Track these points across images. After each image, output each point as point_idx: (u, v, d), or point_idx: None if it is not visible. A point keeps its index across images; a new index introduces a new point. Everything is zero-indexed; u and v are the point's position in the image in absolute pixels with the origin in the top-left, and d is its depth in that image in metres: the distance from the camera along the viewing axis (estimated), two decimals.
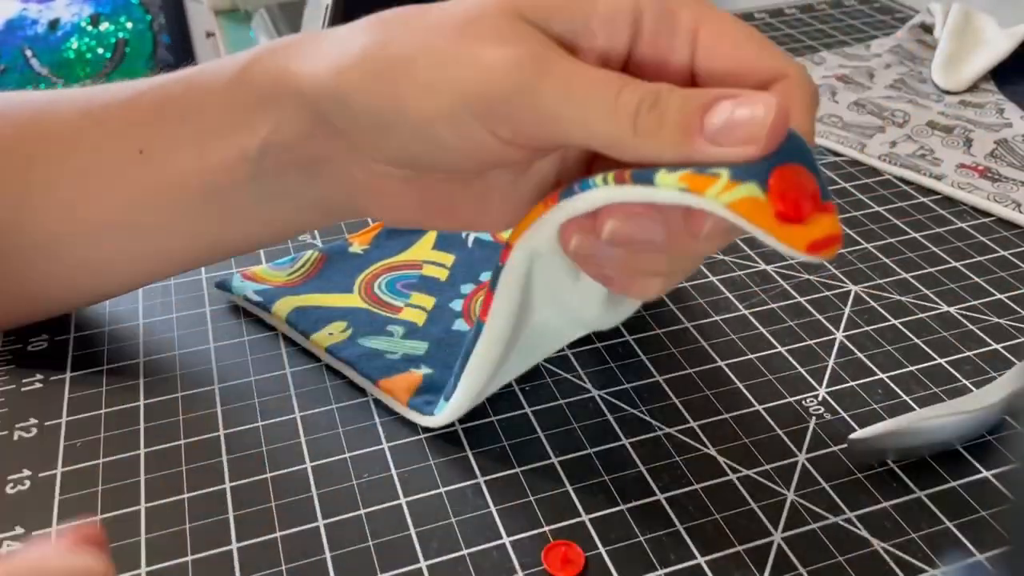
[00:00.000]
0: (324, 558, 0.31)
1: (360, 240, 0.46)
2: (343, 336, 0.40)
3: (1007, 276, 0.45)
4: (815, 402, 0.37)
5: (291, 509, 0.33)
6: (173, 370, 0.40)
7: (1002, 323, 0.42)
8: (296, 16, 1.16)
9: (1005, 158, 0.54)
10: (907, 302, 0.43)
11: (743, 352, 0.40)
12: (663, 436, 0.36)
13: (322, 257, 0.45)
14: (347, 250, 0.45)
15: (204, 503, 0.33)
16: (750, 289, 0.44)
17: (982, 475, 0.34)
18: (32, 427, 0.37)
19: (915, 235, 0.48)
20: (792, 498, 0.33)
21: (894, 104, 0.60)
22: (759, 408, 0.37)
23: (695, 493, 0.33)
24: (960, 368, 0.39)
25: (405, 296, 0.42)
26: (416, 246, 0.46)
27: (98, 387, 0.39)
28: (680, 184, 0.25)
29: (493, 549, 0.32)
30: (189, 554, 0.32)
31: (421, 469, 0.35)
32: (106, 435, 0.36)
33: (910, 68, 0.65)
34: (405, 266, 0.44)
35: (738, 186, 0.24)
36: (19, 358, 0.40)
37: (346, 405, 0.38)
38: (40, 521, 0.33)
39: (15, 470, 0.35)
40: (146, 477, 0.34)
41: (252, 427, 0.37)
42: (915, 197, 0.52)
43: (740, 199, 0.24)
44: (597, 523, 0.32)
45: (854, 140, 0.56)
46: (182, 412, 0.37)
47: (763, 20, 0.77)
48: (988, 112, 0.59)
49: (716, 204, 0.24)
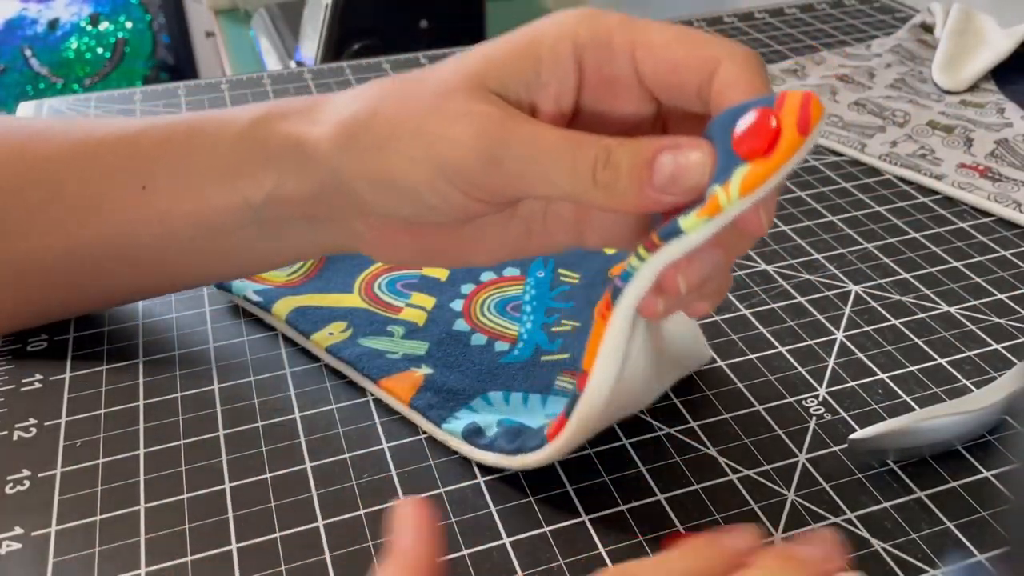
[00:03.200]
0: (324, 558, 0.31)
1: None
2: (343, 336, 0.40)
3: (1007, 276, 0.45)
4: (815, 402, 0.37)
5: (291, 509, 0.33)
6: (173, 370, 0.40)
7: (1002, 323, 0.42)
8: (296, 16, 1.16)
9: (1005, 158, 0.54)
10: (907, 302, 0.43)
11: (743, 352, 0.40)
12: (663, 436, 0.36)
13: (322, 257, 0.45)
14: None
15: (204, 503, 0.33)
16: (750, 289, 0.44)
17: (982, 475, 0.34)
18: (32, 427, 0.37)
19: (915, 235, 0.48)
20: (792, 498, 0.33)
21: (894, 104, 0.60)
22: (759, 408, 0.37)
23: (695, 493, 0.33)
24: (960, 368, 0.39)
25: (405, 296, 0.42)
26: None
27: (98, 387, 0.39)
28: (702, 219, 0.26)
29: (493, 549, 0.32)
30: (189, 554, 0.32)
31: (421, 469, 0.35)
32: (106, 435, 0.36)
33: (910, 68, 0.65)
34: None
35: (730, 180, 0.26)
36: (19, 358, 0.40)
37: (346, 405, 0.38)
38: (40, 521, 0.33)
39: (15, 470, 0.35)
40: (146, 477, 0.34)
41: (252, 427, 0.37)
42: (915, 197, 0.52)
43: (740, 182, 0.26)
44: (597, 524, 0.32)
45: (854, 140, 0.56)
46: (182, 412, 0.37)
47: (763, 20, 0.77)
48: (988, 112, 0.59)
49: (737, 205, 0.26)
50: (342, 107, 0.32)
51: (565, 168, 0.28)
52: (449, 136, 0.29)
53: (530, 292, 0.43)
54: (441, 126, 0.29)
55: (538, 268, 0.44)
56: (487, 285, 0.43)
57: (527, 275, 0.44)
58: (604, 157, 0.27)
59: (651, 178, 0.27)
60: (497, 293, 0.43)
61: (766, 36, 0.73)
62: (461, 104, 0.29)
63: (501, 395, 0.37)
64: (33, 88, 1.92)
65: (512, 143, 0.28)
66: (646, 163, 0.27)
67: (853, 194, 0.52)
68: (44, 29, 1.89)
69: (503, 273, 0.44)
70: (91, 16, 1.92)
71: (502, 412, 0.36)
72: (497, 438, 0.34)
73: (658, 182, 0.27)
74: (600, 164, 0.27)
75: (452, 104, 0.29)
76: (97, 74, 1.93)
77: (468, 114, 0.29)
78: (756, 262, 0.46)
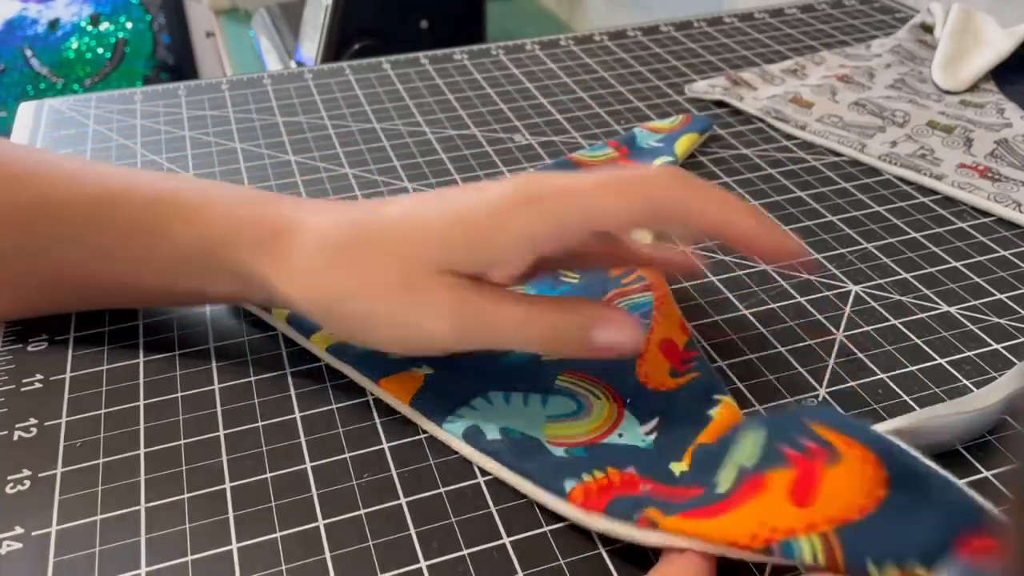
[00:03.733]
0: (324, 558, 0.31)
1: None
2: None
3: (1007, 276, 0.45)
4: (815, 402, 0.37)
5: (291, 509, 0.33)
6: (173, 370, 0.40)
7: (1002, 323, 0.42)
8: (296, 16, 1.16)
9: (1005, 158, 0.54)
10: (907, 302, 0.43)
11: (743, 352, 0.40)
12: None
13: None
14: None
15: (204, 503, 0.33)
16: (750, 289, 0.44)
17: (982, 475, 0.34)
18: (32, 427, 0.37)
19: (915, 235, 0.48)
20: None
21: (894, 104, 0.60)
22: (759, 408, 0.37)
23: None
24: (960, 368, 0.39)
25: None
26: None
27: (98, 387, 0.39)
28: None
29: (493, 549, 0.32)
30: (189, 554, 0.32)
31: (421, 469, 0.35)
32: (106, 435, 0.36)
33: (910, 68, 0.65)
34: None
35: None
36: (19, 358, 0.40)
37: (346, 405, 0.38)
38: (40, 521, 0.33)
39: (15, 470, 0.35)
40: (146, 477, 0.34)
41: (252, 427, 0.37)
42: (915, 197, 0.52)
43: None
44: None
45: (854, 140, 0.56)
46: (182, 412, 0.37)
47: (763, 20, 0.77)
48: (988, 112, 0.59)
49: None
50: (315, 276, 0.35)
51: (521, 342, 0.34)
52: (425, 327, 0.33)
53: (531, 291, 0.42)
54: (416, 317, 0.33)
55: None
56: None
57: None
58: (553, 335, 0.33)
59: (593, 345, 0.33)
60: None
61: (766, 36, 0.74)
62: (432, 295, 0.33)
63: (502, 396, 0.37)
64: (33, 88, 1.92)
65: (479, 327, 0.33)
66: (587, 332, 0.33)
67: (853, 194, 0.52)
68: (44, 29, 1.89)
69: None
70: (91, 16, 1.92)
71: (503, 414, 0.36)
72: (501, 447, 0.34)
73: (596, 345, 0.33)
74: (550, 338, 0.33)
75: (421, 295, 0.33)
76: (97, 74, 1.93)
77: (438, 305, 0.33)
78: (756, 262, 0.46)
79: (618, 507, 0.30)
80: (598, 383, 0.37)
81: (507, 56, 0.71)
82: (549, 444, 0.34)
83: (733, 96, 0.62)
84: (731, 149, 0.57)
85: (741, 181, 0.53)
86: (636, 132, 0.56)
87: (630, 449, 0.34)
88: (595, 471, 0.32)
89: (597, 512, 0.31)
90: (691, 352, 0.38)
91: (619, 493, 0.31)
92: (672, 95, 0.64)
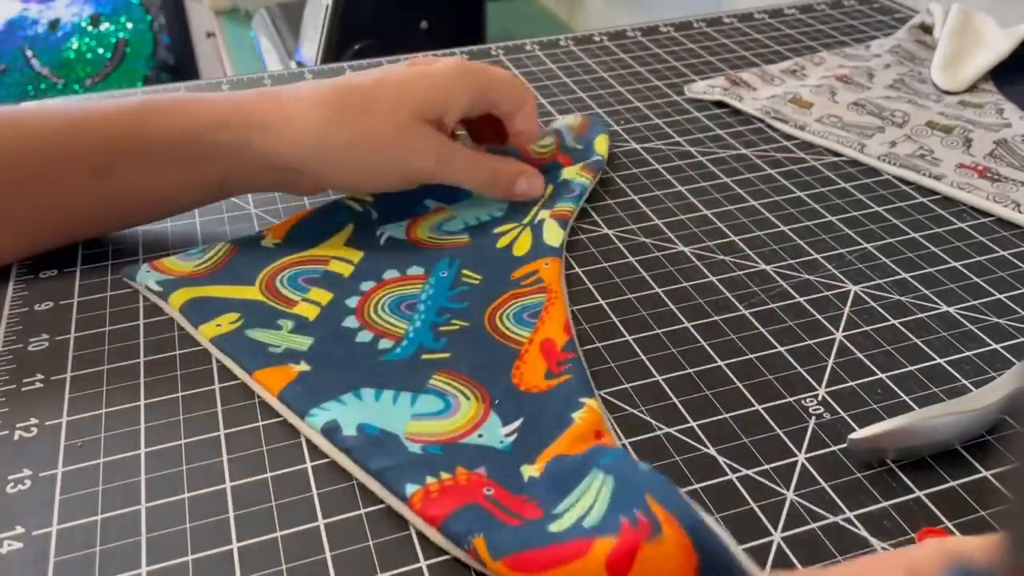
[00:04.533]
0: (324, 558, 0.31)
1: (274, 234, 0.47)
2: (231, 328, 0.40)
3: (1007, 276, 0.45)
4: (815, 402, 0.37)
5: (291, 509, 0.33)
6: (173, 370, 0.40)
7: (1002, 323, 0.42)
8: (297, 16, 1.16)
9: (1004, 158, 0.54)
10: (907, 302, 0.43)
11: (743, 352, 0.40)
12: (663, 436, 0.36)
13: (232, 249, 0.45)
14: (259, 243, 0.46)
15: (204, 503, 0.33)
16: (750, 289, 0.44)
17: (982, 475, 0.34)
18: (32, 427, 0.37)
19: (915, 235, 0.48)
20: (792, 498, 0.33)
21: (894, 104, 0.60)
22: (759, 408, 0.37)
23: (695, 493, 0.33)
24: (960, 368, 0.39)
25: (304, 290, 0.43)
26: (328, 242, 0.46)
27: (98, 387, 0.39)
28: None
29: None
30: (189, 554, 0.32)
31: None
32: (106, 435, 0.36)
33: (910, 68, 0.65)
34: (312, 261, 0.45)
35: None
36: (19, 358, 0.40)
37: None
38: (41, 521, 0.33)
39: (15, 470, 0.35)
40: (146, 477, 0.35)
41: (252, 427, 0.37)
42: (915, 197, 0.52)
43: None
44: None
45: (854, 140, 0.56)
46: (182, 412, 0.37)
47: (762, 20, 0.77)
48: (988, 112, 0.59)
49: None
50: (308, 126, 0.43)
51: (477, 180, 0.47)
52: (414, 162, 0.45)
53: (428, 291, 0.43)
54: (406, 153, 0.44)
55: (442, 268, 0.44)
56: (388, 283, 0.43)
57: (430, 274, 0.44)
58: (492, 174, 0.48)
59: (514, 187, 0.48)
60: (395, 291, 0.43)
61: (765, 36, 0.74)
62: (419, 140, 0.44)
63: (372, 392, 0.37)
64: (34, 88, 1.92)
65: (450, 164, 0.45)
66: (513, 180, 0.48)
67: (852, 194, 0.52)
68: (45, 29, 1.89)
69: (407, 272, 0.44)
70: (92, 16, 1.92)
71: (368, 411, 0.36)
72: (355, 444, 0.34)
73: (518, 191, 0.49)
74: (493, 177, 0.48)
75: (411, 140, 0.44)
76: (98, 74, 1.93)
77: (426, 142, 0.44)
78: (755, 262, 0.46)
79: (452, 527, 0.31)
80: (470, 383, 0.38)
81: (507, 56, 0.71)
82: (407, 440, 0.34)
83: (732, 96, 0.62)
84: (731, 149, 0.57)
85: (741, 181, 0.53)
86: (561, 128, 0.56)
87: (486, 450, 0.34)
88: (443, 472, 0.33)
89: (434, 526, 0.31)
90: (568, 354, 0.38)
91: (460, 502, 0.31)
92: (671, 95, 0.64)
